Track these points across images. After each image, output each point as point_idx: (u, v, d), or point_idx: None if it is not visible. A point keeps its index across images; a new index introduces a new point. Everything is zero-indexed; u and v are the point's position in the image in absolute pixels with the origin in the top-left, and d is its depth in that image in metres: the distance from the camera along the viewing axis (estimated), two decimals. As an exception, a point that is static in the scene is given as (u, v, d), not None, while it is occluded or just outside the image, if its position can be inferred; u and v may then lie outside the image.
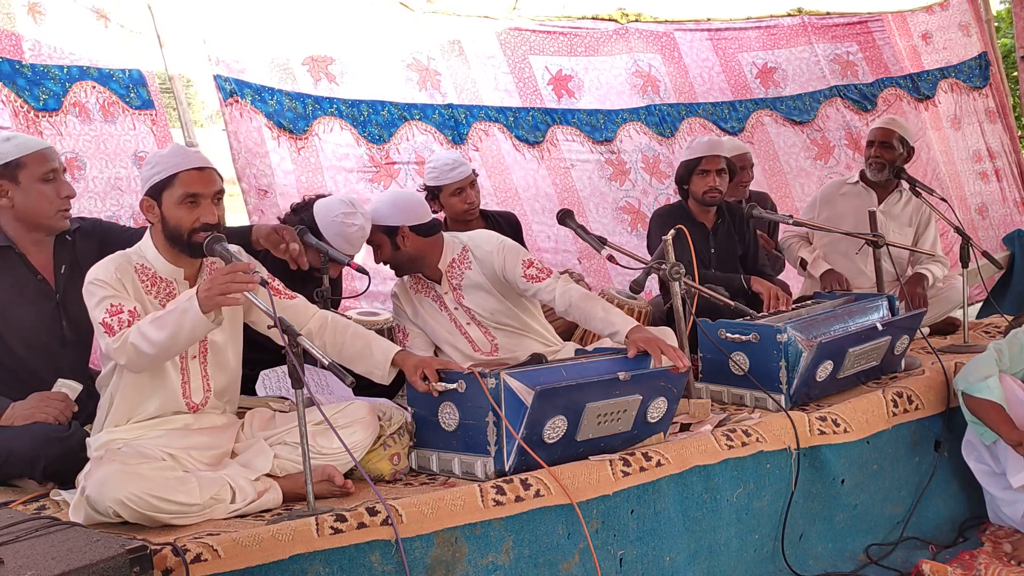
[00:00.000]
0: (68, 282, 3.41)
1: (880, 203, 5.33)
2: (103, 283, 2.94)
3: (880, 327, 3.90)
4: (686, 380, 3.42)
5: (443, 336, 3.93)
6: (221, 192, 3.07)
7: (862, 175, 5.47)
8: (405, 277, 3.99)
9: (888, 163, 5.32)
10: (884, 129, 5.37)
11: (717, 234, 4.84)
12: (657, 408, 3.27)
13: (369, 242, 3.91)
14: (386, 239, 3.87)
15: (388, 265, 3.96)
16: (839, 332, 3.87)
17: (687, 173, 4.76)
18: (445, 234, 3.98)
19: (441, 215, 4.66)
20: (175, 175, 2.99)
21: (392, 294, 4.07)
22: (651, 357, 3.34)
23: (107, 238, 3.54)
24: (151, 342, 2.83)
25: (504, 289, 3.90)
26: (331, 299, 3.87)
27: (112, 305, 2.91)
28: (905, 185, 5.38)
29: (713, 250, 4.81)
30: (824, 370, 3.78)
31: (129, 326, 2.88)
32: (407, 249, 3.87)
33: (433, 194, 4.66)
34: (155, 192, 3.01)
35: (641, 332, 3.45)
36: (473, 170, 4.79)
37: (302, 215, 3.90)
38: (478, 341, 3.90)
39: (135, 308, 2.93)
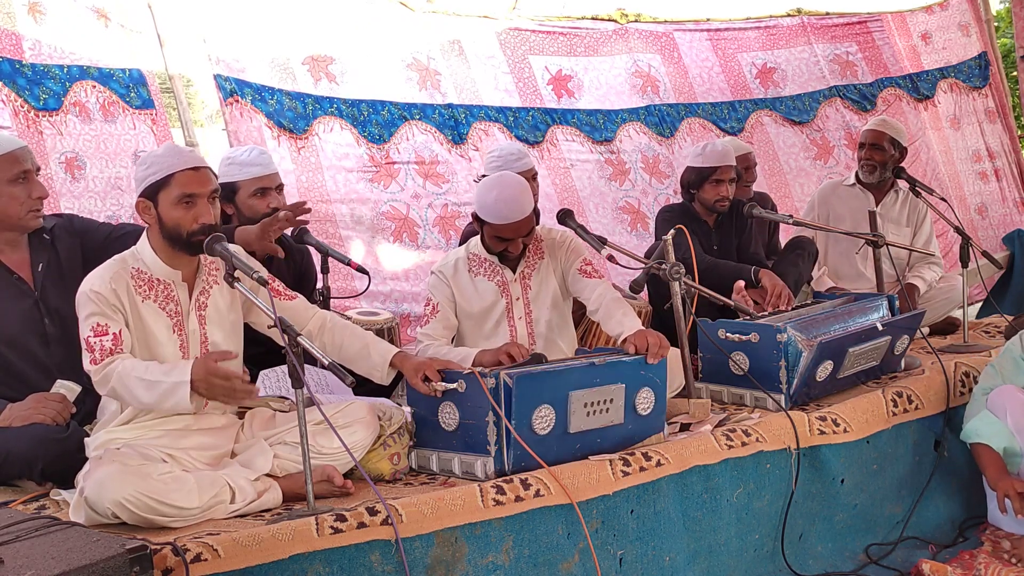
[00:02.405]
0: (46, 280, 3.38)
1: (876, 204, 5.32)
2: (96, 295, 2.93)
3: (880, 327, 3.91)
4: (666, 370, 3.40)
5: (485, 323, 3.86)
6: (217, 191, 3.07)
7: (857, 177, 5.47)
8: (459, 260, 3.90)
9: (879, 165, 5.32)
10: (874, 131, 5.36)
11: (720, 231, 4.88)
12: (645, 399, 3.28)
13: (525, 235, 3.78)
14: (534, 221, 3.84)
15: (522, 251, 3.85)
16: (839, 332, 3.87)
17: (700, 180, 4.75)
18: None
19: None
20: (171, 176, 2.97)
21: (435, 272, 3.92)
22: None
23: (86, 236, 3.53)
24: (133, 397, 2.88)
25: (563, 287, 3.92)
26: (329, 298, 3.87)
27: (98, 324, 2.91)
28: (900, 185, 5.39)
29: (716, 247, 4.84)
30: (824, 370, 3.78)
31: (111, 354, 2.89)
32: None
33: None
34: (150, 193, 3.00)
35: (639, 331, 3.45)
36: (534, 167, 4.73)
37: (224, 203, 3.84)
38: (520, 338, 3.86)
39: (120, 332, 2.93)
